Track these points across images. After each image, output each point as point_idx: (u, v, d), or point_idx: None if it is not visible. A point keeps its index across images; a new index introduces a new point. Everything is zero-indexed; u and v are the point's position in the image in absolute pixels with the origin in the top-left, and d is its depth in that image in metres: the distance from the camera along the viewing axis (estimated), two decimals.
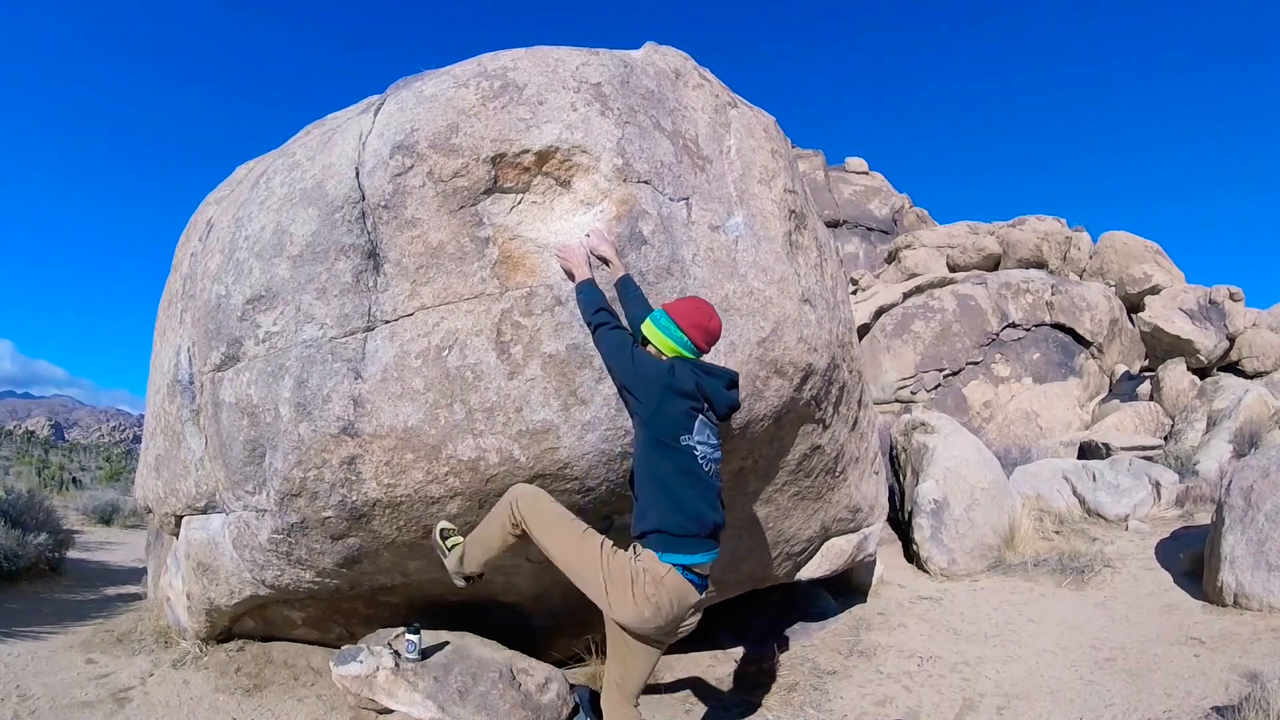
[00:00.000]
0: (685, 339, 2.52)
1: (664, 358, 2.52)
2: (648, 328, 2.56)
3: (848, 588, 5.23)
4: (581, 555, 2.46)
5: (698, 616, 2.53)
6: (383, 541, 3.04)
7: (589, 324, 2.63)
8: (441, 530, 2.84)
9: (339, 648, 3.49)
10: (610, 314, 2.62)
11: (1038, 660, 4.07)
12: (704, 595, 2.48)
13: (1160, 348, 12.54)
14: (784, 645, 4.32)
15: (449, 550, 2.80)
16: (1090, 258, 15.76)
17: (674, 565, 2.36)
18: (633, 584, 2.34)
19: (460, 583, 2.83)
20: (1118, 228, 20.81)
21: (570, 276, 2.82)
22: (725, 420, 2.64)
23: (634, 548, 2.42)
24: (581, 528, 2.53)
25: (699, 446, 2.44)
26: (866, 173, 23.35)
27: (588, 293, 2.69)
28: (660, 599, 2.34)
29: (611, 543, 2.47)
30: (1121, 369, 13.39)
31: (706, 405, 2.50)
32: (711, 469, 2.48)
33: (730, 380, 2.61)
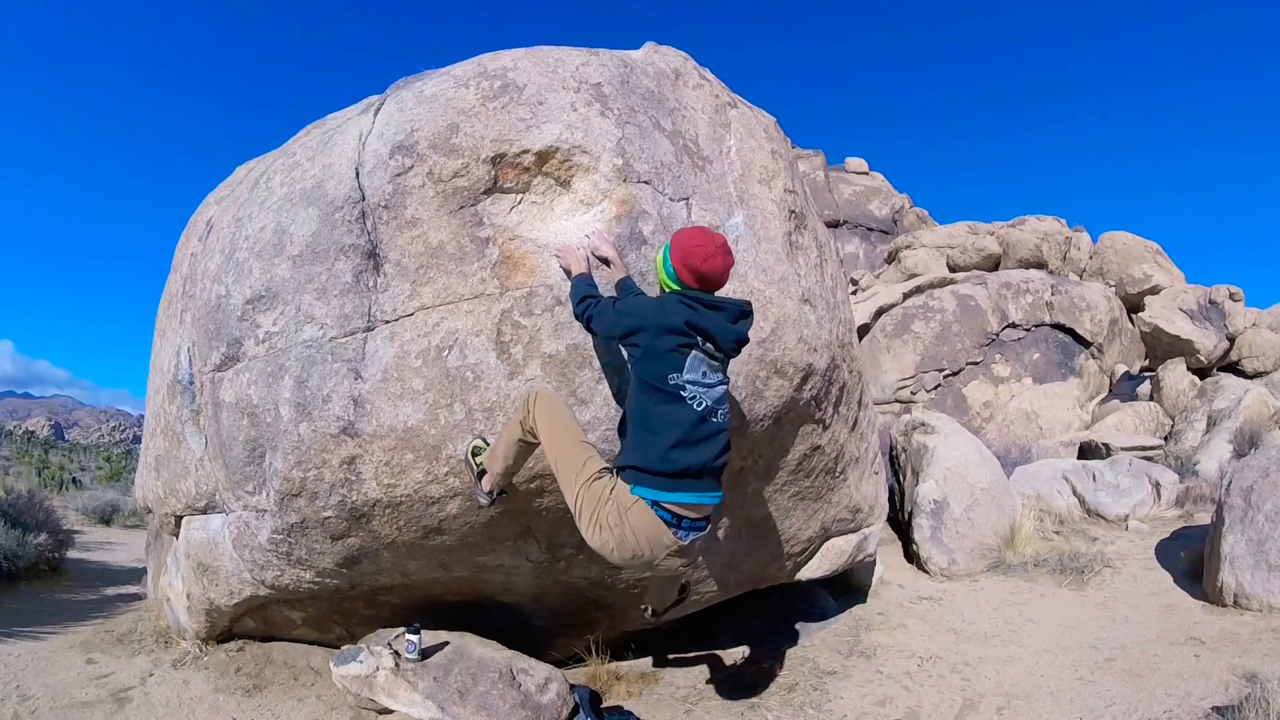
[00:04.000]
0: (673, 274, 2.45)
1: (663, 293, 2.48)
2: (657, 257, 2.55)
3: (848, 588, 5.23)
4: (570, 468, 2.43)
5: (680, 561, 2.46)
6: (383, 541, 3.04)
7: (579, 313, 2.58)
8: (473, 449, 2.74)
9: (339, 648, 3.49)
10: (595, 294, 2.58)
11: (1038, 660, 4.07)
12: (690, 541, 2.41)
13: (1160, 348, 12.54)
14: (784, 645, 4.32)
15: (478, 466, 2.72)
16: (1090, 258, 15.75)
17: (644, 500, 2.31)
18: (599, 509, 2.33)
19: (484, 501, 2.73)
20: (1118, 228, 20.82)
21: (570, 276, 2.82)
22: (734, 355, 2.53)
23: (615, 476, 2.42)
24: (584, 446, 2.49)
25: (689, 386, 2.37)
26: (866, 173, 23.35)
27: (576, 283, 2.67)
28: (624, 531, 2.31)
29: (605, 471, 2.43)
30: (1121, 369, 13.39)
31: (702, 339, 2.40)
32: (705, 405, 2.39)
33: (739, 312, 2.51)
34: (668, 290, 2.48)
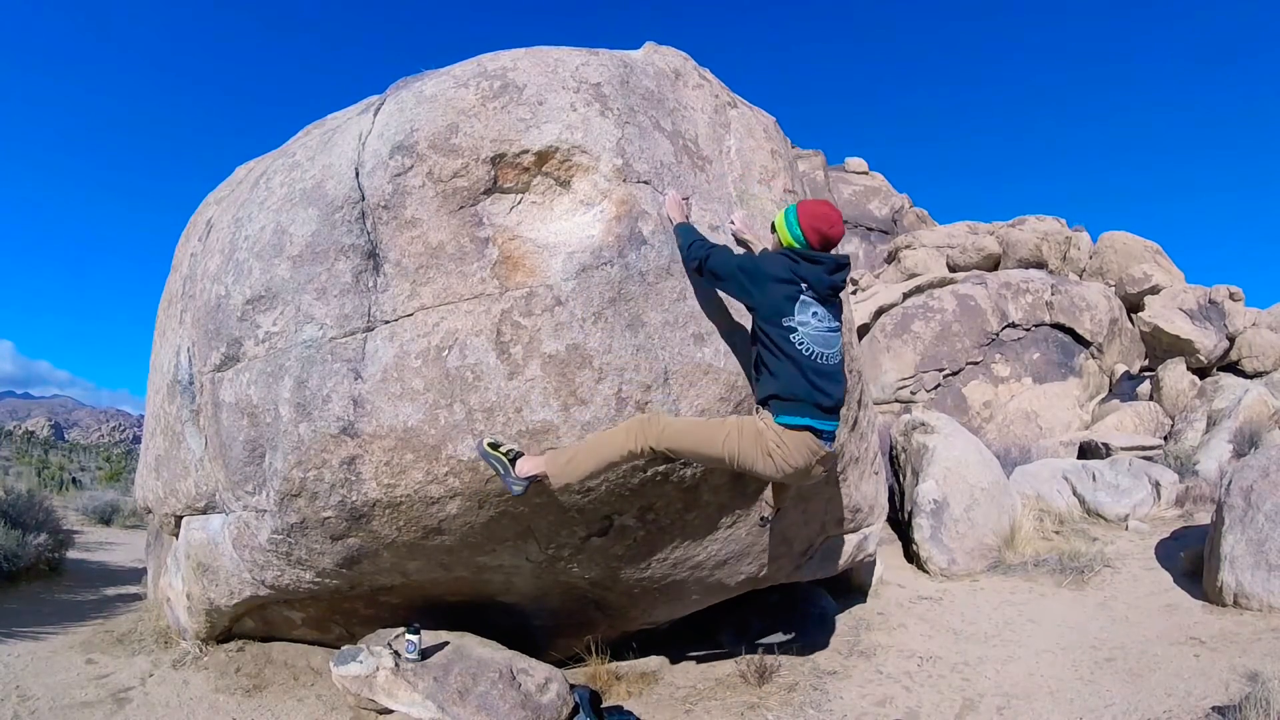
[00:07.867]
0: (800, 234, 2.85)
1: (777, 249, 2.91)
2: (779, 219, 2.94)
3: (848, 588, 5.23)
4: (716, 439, 2.74)
5: (825, 467, 2.87)
6: (382, 542, 3.04)
7: (690, 252, 2.86)
8: (490, 443, 2.78)
9: (339, 648, 3.49)
10: (704, 238, 2.91)
11: (1038, 660, 4.07)
12: (831, 448, 2.83)
13: (1160, 348, 12.53)
14: (784, 645, 4.32)
15: (504, 456, 2.75)
16: (1090, 258, 15.76)
17: (787, 424, 2.70)
18: (759, 444, 2.70)
19: (519, 488, 2.74)
20: (1118, 228, 20.80)
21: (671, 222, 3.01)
22: (830, 300, 2.86)
23: (756, 410, 2.83)
24: (708, 420, 2.89)
25: (799, 328, 2.75)
26: (866, 173, 23.35)
27: (681, 228, 2.94)
28: (786, 452, 2.70)
29: (739, 419, 2.83)
30: (1121, 369, 13.38)
31: (805, 286, 2.77)
32: (812, 350, 2.75)
33: (836, 264, 2.87)
34: (787, 246, 2.89)
